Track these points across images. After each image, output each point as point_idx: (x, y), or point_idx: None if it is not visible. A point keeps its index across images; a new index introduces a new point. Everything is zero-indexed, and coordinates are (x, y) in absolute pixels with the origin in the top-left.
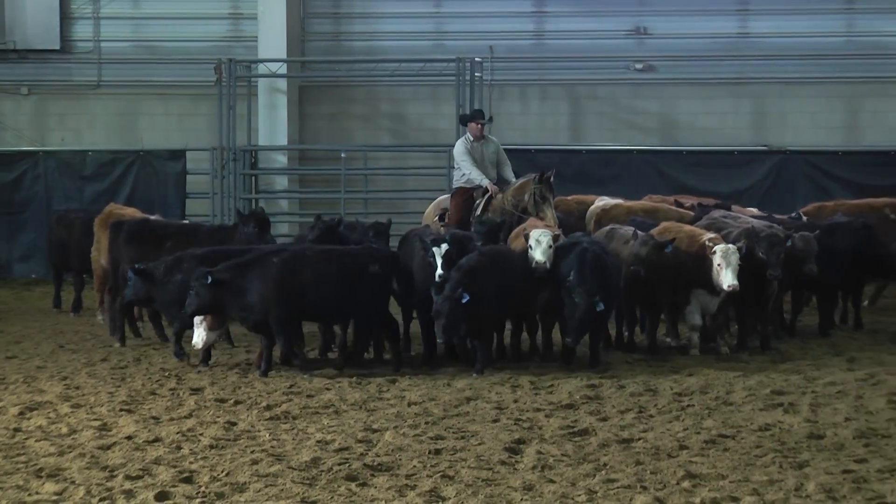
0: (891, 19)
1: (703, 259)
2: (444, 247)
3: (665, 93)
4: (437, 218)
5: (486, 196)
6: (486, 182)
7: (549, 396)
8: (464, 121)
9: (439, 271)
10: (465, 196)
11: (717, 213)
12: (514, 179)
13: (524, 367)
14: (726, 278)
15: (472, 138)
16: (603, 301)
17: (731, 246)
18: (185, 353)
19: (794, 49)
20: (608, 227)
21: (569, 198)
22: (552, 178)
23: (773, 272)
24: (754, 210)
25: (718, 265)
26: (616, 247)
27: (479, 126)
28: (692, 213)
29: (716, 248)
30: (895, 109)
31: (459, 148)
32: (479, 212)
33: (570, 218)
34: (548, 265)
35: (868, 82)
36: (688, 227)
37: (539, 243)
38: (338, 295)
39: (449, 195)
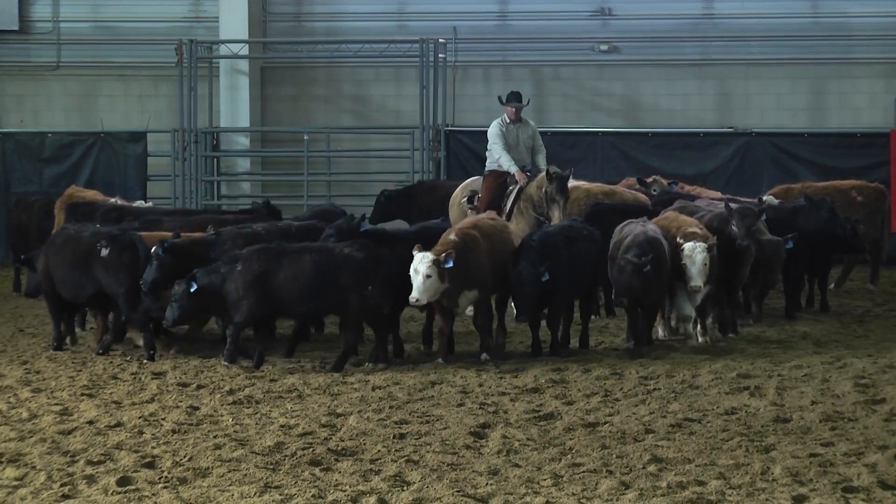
0: (855, 0)
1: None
2: (159, 249)
3: (629, 74)
4: (464, 200)
5: (519, 185)
6: (514, 169)
7: (515, 380)
8: (501, 102)
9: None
10: (499, 180)
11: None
12: (543, 167)
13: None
14: (690, 278)
15: (507, 120)
16: (558, 279)
17: (698, 245)
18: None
19: (759, 30)
20: (622, 224)
21: None
22: (568, 176)
23: (742, 241)
24: (717, 193)
25: (684, 263)
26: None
27: (515, 109)
28: (646, 198)
29: (684, 245)
30: (860, 91)
31: (493, 130)
32: (510, 199)
33: None
34: (422, 301)
35: (833, 63)
36: (683, 218)
37: (416, 273)
38: (78, 279)
39: (479, 177)
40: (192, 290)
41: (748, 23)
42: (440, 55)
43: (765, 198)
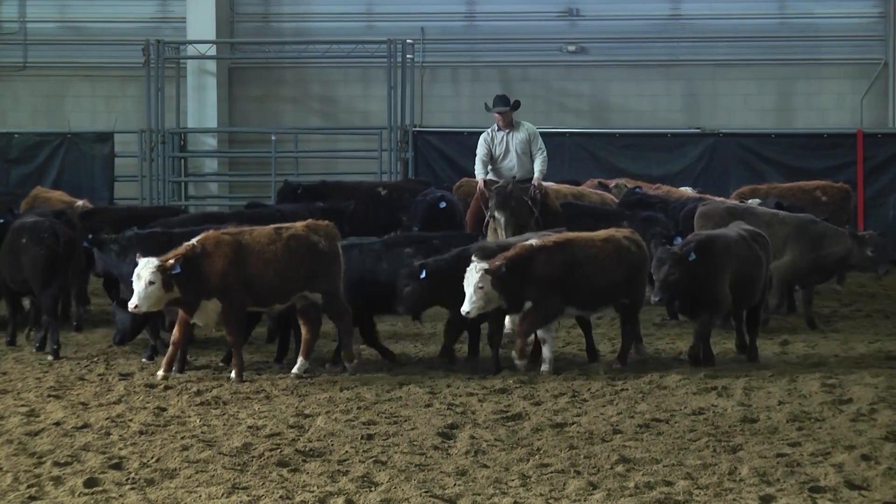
0: (822, 1)
1: None
2: None
3: (597, 75)
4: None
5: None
6: (479, 178)
7: (483, 381)
8: (487, 109)
9: None
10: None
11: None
12: (538, 171)
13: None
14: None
15: (496, 128)
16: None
17: (476, 265)
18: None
19: (726, 31)
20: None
21: (475, 180)
22: (509, 190)
23: (655, 297)
24: (688, 189)
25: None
26: None
27: (501, 115)
28: (612, 199)
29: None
30: (827, 92)
31: (480, 138)
32: (488, 211)
33: (470, 199)
34: (141, 308)
35: (800, 64)
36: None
37: (138, 279)
38: None
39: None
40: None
41: (715, 24)
42: (408, 56)
43: (749, 202)
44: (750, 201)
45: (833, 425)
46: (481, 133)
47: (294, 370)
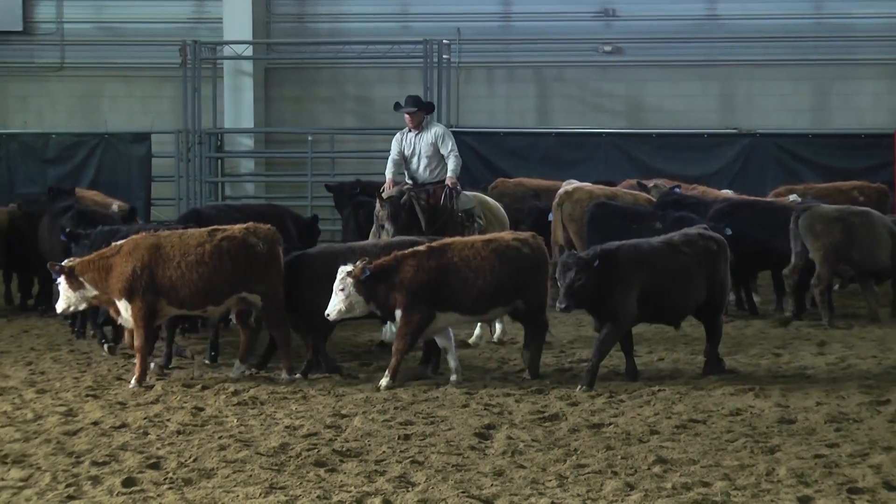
0: (859, 1)
1: None
2: None
3: (633, 75)
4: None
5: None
6: (386, 176)
7: (519, 382)
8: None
9: None
10: None
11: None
12: (451, 171)
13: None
14: None
15: (408, 129)
16: None
17: (344, 268)
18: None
19: (763, 31)
20: None
21: (510, 180)
22: (402, 202)
23: (560, 304)
24: (728, 192)
25: None
26: None
27: (409, 116)
28: (647, 198)
29: None
30: (863, 92)
31: (393, 138)
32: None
33: (505, 199)
34: (59, 308)
35: (836, 65)
36: None
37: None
38: None
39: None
40: None
41: (751, 24)
42: (444, 56)
43: (791, 197)
44: (791, 197)
45: (871, 426)
46: (517, 133)
47: (232, 373)
